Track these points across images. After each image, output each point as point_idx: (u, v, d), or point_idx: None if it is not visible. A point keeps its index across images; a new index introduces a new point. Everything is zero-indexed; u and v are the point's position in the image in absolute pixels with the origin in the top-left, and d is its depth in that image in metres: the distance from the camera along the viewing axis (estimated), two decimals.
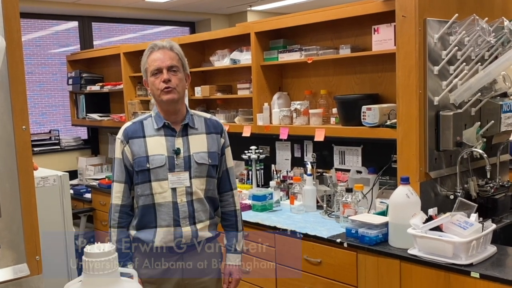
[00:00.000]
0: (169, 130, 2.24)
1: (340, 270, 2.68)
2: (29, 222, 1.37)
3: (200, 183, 2.24)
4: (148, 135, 2.24)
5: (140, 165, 2.21)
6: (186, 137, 2.25)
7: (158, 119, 2.25)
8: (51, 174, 2.41)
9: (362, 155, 3.26)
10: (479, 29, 2.53)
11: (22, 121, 1.34)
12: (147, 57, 2.23)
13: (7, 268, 1.34)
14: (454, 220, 2.24)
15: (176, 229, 2.21)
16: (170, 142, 2.22)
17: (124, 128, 2.28)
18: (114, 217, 2.25)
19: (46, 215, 2.26)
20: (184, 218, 2.21)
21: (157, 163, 2.19)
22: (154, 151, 2.21)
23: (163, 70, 2.18)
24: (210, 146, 2.28)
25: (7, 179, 1.32)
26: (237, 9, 6.62)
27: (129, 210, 2.27)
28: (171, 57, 2.20)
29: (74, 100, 5.64)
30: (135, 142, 2.23)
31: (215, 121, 2.37)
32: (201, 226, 2.25)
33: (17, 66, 1.33)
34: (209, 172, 2.27)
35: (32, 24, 5.64)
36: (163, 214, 2.20)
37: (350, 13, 3.00)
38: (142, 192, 2.22)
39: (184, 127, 2.26)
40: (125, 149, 2.24)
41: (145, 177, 2.21)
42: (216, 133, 2.33)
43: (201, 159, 2.24)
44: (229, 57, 3.88)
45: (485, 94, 2.73)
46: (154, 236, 2.21)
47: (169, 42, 2.25)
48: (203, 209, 2.26)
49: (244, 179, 4.07)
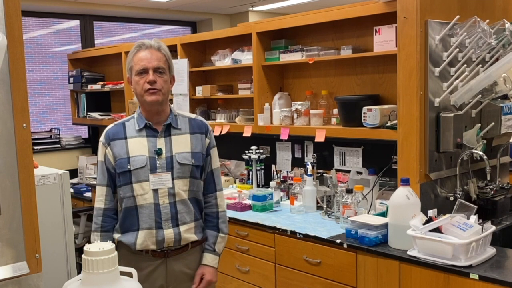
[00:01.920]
0: (151, 130, 2.20)
1: (340, 270, 2.68)
2: (29, 220, 1.37)
3: (183, 184, 2.19)
4: (130, 136, 2.20)
5: (121, 167, 2.17)
6: (168, 137, 2.21)
7: (140, 120, 2.22)
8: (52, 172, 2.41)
9: (362, 156, 3.26)
10: (480, 31, 2.54)
11: (23, 119, 1.34)
12: (133, 55, 2.19)
13: (7, 266, 1.34)
14: (453, 221, 2.24)
15: (158, 231, 2.16)
16: (151, 143, 2.18)
17: (106, 131, 2.25)
18: (97, 221, 2.22)
19: (46, 213, 2.26)
20: (166, 220, 2.16)
21: (138, 164, 2.15)
22: (135, 152, 2.17)
23: (149, 70, 2.14)
24: (194, 146, 2.23)
25: (7, 177, 1.32)
26: (238, 9, 6.63)
27: (113, 214, 2.23)
28: (158, 58, 2.16)
29: (75, 99, 5.65)
30: (116, 144, 2.19)
31: (199, 121, 2.32)
32: (185, 228, 2.20)
33: (18, 64, 1.33)
34: (192, 172, 2.21)
35: (33, 23, 5.64)
36: (145, 216, 2.16)
37: (351, 14, 3.00)
38: (124, 194, 2.18)
39: (167, 128, 2.21)
40: (107, 151, 2.21)
41: (127, 178, 2.17)
42: (201, 133, 2.28)
43: (184, 160, 2.19)
44: (230, 57, 3.88)
45: (486, 96, 2.73)
46: (136, 238, 2.17)
47: (157, 42, 2.21)
48: (187, 210, 2.21)
49: (244, 179, 4.07)
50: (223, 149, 4.18)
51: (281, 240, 2.99)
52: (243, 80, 3.88)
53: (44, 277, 1.44)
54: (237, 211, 3.37)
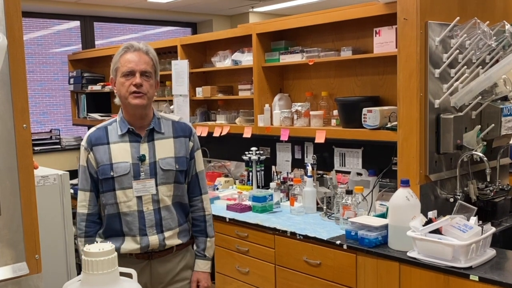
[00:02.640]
0: (133, 135, 2.17)
1: (340, 272, 2.68)
2: (29, 220, 1.36)
3: (167, 189, 2.18)
4: (112, 141, 2.16)
5: (104, 173, 2.14)
6: (152, 142, 2.18)
7: (122, 124, 2.18)
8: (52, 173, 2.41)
9: (362, 157, 3.26)
10: (480, 33, 2.54)
11: (23, 119, 1.34)
12: (120, 56, 2.16)
13: (6, 267, 1.34)
14: (453, 223, 2.24)
15: (143, 238, 2.15)
16: (135, 149, 2.15)
17: (87, 135, 2.22)
18: (80, 226, 2.20)
19: (46, 214, 2.26)
20: (150, 227, 2.15)
21: (121, 171, 2.13)
22: (118, 158, 2.14)
23: (136, 73, 2.11)
24: (177, 150, 2.21)
25: (7, 177, 1.32)
26: (239, 10, 6.63)
27: (97, 219, 2.21)
28: (146, 62, 2.13)
29: (75, 99, 5.65)
30: (99, 149, 2.16)
31: (183, 124, 2.28)
32: (169, 234, 2.19)
33: (19, 65, 1.33)
34: (176, 177, 2.19)
35: (34, 23, 5.65)
36: (129, 223, 2.14)
37: (351, 15, 3.00)
38: (107, 201, 2.16)
39: (150, 132, 2.18)
40: (89, 156, 2.18)
41: (110, 185, 2.14)
42: (185, 136, 2.25)
43: (167, 165, 2.17)
44: (230, 58, 3.88)
45: (486, 97, 2.73)
46: (121, 244, 2.15)
47: (146, 46, 2.18)
48: (171, 216, 2.19)
49: (244, 180, 4.07)
50: (223, 150, 4.21)
51: (281, 241, 2.99)
52: (243, 81, 3.88)
53: (44, 278, 1.44)
54: (237, 212, 3.36)
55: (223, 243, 3.31)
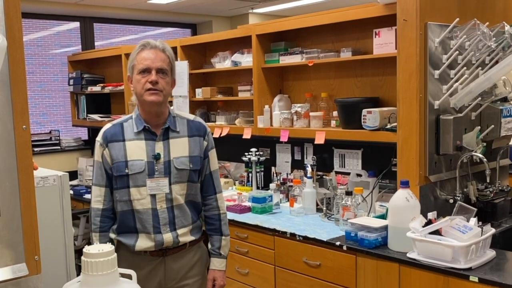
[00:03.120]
0: (149, 133, 2.18)
1: (339, 273, 2.67)
2: (29, 221, 1.36)
3: (180, 188, 2.19)
4: (128, 138, 2.17)
5: (118, 170, 2.15)
6: (167, 140, 2.18)
7: (138, 121, 2.19)
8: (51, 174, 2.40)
9: (362, 158, 3.26)
10: (480, 34, 2.54)
11: (23, 120, 1.34)
12: (137, 54, 2.16)
13: (6, 268, 1.33)
14: (453, 224, 2.24)
15: (157, 236, 2.16)
16: (150, 147, 2.16)
17: (103, 131, 2.22)
18: (95, 221, 2.21)
19: (46, 215, 2.25)
20: (164, 225, 2.17)
21: (136, 168, 2.13)
22: (134, 156, 2.15)
23: (152, 70, 2.12)
24: (192, 150, 2.21)
25: (7, 178, 1.32)
26: (238, 11, 6.63)
27: (111, 214, 2.22)
28: (162, 59, 2.14)
29: (75, 100, 5.65)
30: (114, 146, 2.17)
31: (198, 123, 2.29)
32: (182, 231, 2.21)
33: (18, 66, 1.33)
34: (190, 177, 2.20)
35: (33, 24, 5.65)
36: (143, 221, 2.16)
37: (351, 17, 3.00)
38: (121, 198, 2.17)
39: (165, 131, 2.19)
40: (105, 152, 2.19)
41: (124, 182, 2.15)
42: (199, 135, 2.26)
43: (181, 165, 2.18)
44: (230, 59, 3.89)
45: (486, 98, 2.73)
46: (136, 241, 2.17)
47: (162, 43, 2.19)
48: (184, 214, 2.21)
49: (244, 181, 4.07)
50: (222, 151, 4.19)
51: (280, 242, 2.99)
52: (243, 82, 3.88)
53: (43, 279, 1.44)
54: (237, 213, 3.36)
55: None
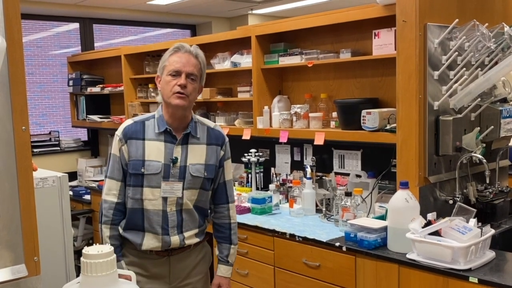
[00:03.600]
0: (169, 136, 2.18)
1: (339, 274, 2.67)
2: (28, 222, 1.36)
3: (191, 194, 2.20)
4: (148, 138, 2.18)
5: (135, 168, 2.16)
6: (185, 145, 2.19)
7: (160, 122, 2.19)
8: (51, 175, 2.41)
9: (361, 159, 3.26)
10: (479, 35, 2.54)
11: (22, 121, 1.34)
12: (170, 55, 2.18)
13: (5, 269, 1.34)
14: (453, 225, 2.24)
15: (164, 237, 2.18)
16: (168, 150, 2.17)
17: (124, 126, 2.22)
18: (108, 213, 2.20)
19: (45, 216, 2.26)
20: (173, 227, 2.19)
21: (153, 169, 2.14)
22: (151, 156, 2.15)
23: (182, 74, 2.13)
24: (208, 158, 2.23)
25: (6, 179, 1.32)
26: (238, 12, 6.64)
27: (123, 208, 2.22)
28: (193, 64, 2.17)
29: (75, 101, 5.65)
30: (133, 143, 2.17)
31: (217, 132, 2.31)
32: (188, 234, 2.23)
33: (18, 67, 1.33)
34: (203, 184, 2.22)
35: (33, 25, 5.65)
36: (152, 221, 2.17)
37: (350, 18, 3.01)
38: (133, 196, 2.18)
39: (185, 136, 2.20)
40: (123, 148, 2.18)
41: (138, 181, 2.16)
42: (217, 144, 2.28)
43: (197, 172, 2.19)
44: (229, 60, 3.89)
45: (485, 99, 2.74)
46: (142, 240, 2.19)
47: (196, 49, 2.22)
48: (192, 219, 2.23)
49: (243, 182, 4.07)
50: None
51: (280, 243, 2.99)
52: (242, 83, 3.88)
53: (42, 280, 1.44)
54: (236, 214, 3.36)
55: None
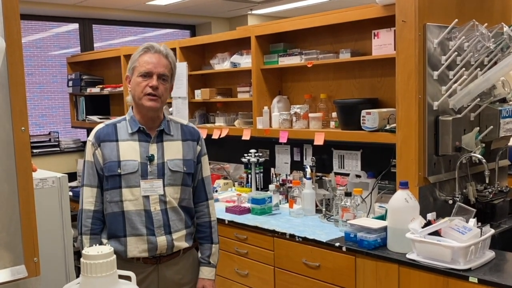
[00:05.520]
0: (143, 135, 2.16)
1: (339, 274, 2.67)
2: (28, 223, 1.36)
3: (174, 191, 2.16)
4: (121, 139, 2.15)
5: (110, 170, 2.12)
6: (161, 143, 2.17)
7: (133, 123, 2.17)
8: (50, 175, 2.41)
9: (361, 159, 3.26)
10: (479, 35, 2.54)
11: (21, 122, 1.34)
12: (139, 56, 2.15)
13: (5, 270, 1.33)
14: (452, 225, 2.24)
15: (150, 238, 2.12)
16: (143, 148, 2.14)
17: (96, 130, 2.19)
18: (86, 223, 2.15)
19: (45, 216, 2.25)
20: (159, 227, 2.13)
21: (129, 169, 2.11)
22: (127, 156, 2.12)
23: (153, 75, 2.11)
24: (185, 153, 2.21)
25: (6, 180, 1.32)
26: (237, 12, 6.64)
27: (101, 216, 2.17)
28: (164, 65, 2.14)
29: (74, 102, 5.65)
30: (106, 146, 2.14)
31: (191, 128, 2.29)
32: (177, 235, 2.17)
33: (17, 67, 1.32)
34: (184, 180, 2.19)
35: (32, 26, 5.65)
36: (134, 222, 2.11)
37: (350, 18, 3.01)
38: (112, 199, 2.13)
39: (159, 133, 2.18)
40: (96, 152, 2.15)
41: (116, 183, 2.12)
42: (192, 140, 2.25)
43: (176, 167, 2.16)
44: (229, 60, 3.89)
45: (484, 99, 2.74)
46: (126, 246, 2.13)
47: (166, 49, 2.18)
48: (178, 218, 2.18)
49: (243, 182, 4.07)
50: (222, 152, 4.21)
51: (280, 243, 2.99)
52: (242, 84, 3.88)
53: (42, 281, 1.44)
54: (236, 214, 3.36)
55: (222, 245, 3.29)
